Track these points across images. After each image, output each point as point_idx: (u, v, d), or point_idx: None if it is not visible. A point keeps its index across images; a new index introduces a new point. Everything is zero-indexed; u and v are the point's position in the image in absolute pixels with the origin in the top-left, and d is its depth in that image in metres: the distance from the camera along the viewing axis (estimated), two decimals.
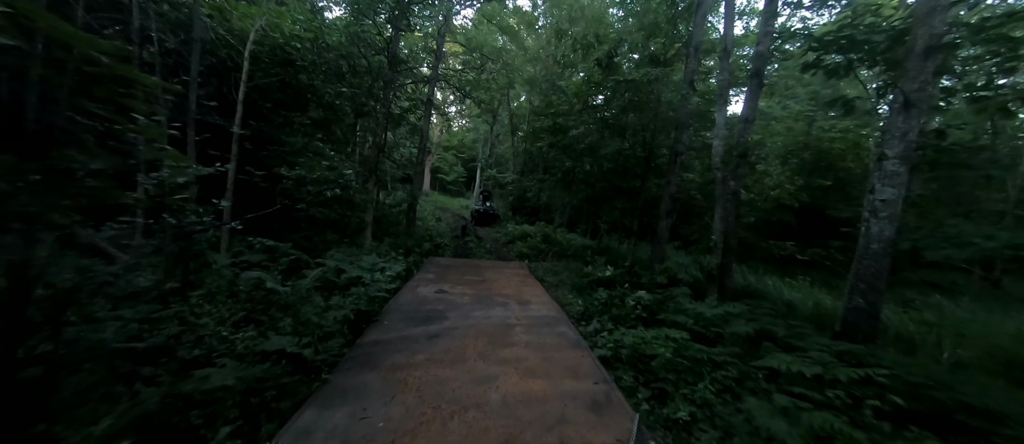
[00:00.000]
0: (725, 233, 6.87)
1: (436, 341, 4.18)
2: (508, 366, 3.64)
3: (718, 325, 4.66)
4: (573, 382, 3.39)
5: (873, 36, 5.18)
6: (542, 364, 3.71)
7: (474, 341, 4.23)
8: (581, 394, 3.18)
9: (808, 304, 6.62)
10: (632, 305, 5.76)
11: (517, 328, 4.73)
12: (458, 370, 3.52)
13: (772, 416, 2.67)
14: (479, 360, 3.75)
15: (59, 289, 2.26)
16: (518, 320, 5.04)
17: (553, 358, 3.87)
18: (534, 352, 4.00)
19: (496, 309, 5.49)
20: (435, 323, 4.75)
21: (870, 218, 4.97)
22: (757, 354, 3.83)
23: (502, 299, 6.06)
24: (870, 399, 2.83)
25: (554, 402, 3.03)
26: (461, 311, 5.29)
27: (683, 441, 2.86)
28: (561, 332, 4.70)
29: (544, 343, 4.27)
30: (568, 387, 3.29)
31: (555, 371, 3.59)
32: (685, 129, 8.84)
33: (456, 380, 3.32)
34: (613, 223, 12.04)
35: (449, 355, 3.83)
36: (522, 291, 6.71)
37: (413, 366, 3.55)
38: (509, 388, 3.22)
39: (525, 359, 3.80)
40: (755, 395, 3.18)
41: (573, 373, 3.58)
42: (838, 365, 3.20)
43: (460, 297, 6.03)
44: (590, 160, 9.71)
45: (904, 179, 4.84)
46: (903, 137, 4.79)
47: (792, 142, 10.12)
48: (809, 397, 2.88)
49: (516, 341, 4.29)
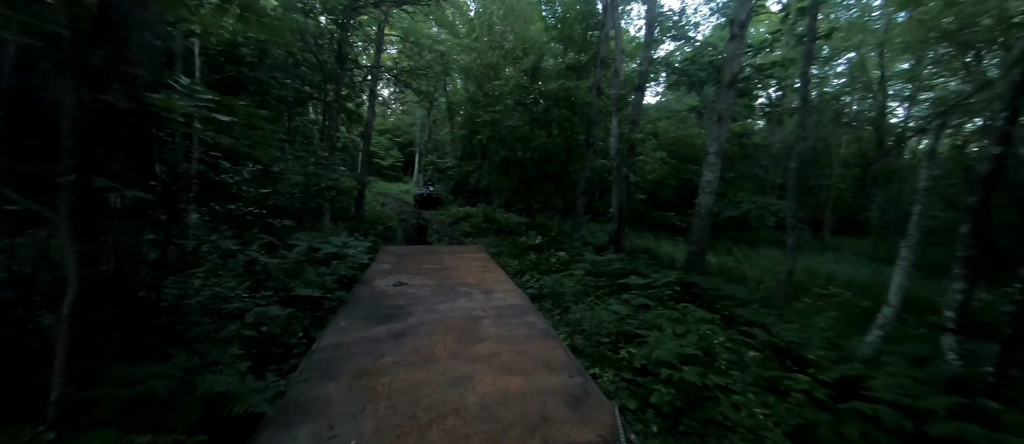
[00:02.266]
0: (619, 207, 9.32)
1: (402, 341, 3.94)
2: (482, 364, 3.51)
3: (606, 268, 6.93)
4: (549, 376, 3.35)
5: (701, 71, 7.72)
6: (516, 359, 3.63)
7: (443, 338, 4.05)
8: (558, 389, 3.14)
9: (674, 254, 9.47)
10: (553, 261, 7.89)
11: (485, 320, 4.60)
12: (430, 372, 3.33)
13: (616, 305, 4.84)
14: (451, 359, 3.59)
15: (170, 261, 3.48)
16: (485, 311, 4.89)
17: (526, 351, 3.80)
18: (506, 346, 3.90)
19: (461, 300, 5.31)
20: (398, 320, 4.48)
21: (700, 194, 7.59)
22: (625, 279, 6.11)
23: (466, 289, 5.87)
24: (669, 292, 5.18)
25: (533, 400, 2.98)
26: (425, 305, 5.07)
27: (575, 325, 4.89)
28: (530, 322, 4.62)
29: (515, 335, 4.17)
30: (545, 382, 3.24)
31: (530, 365, 3.51)
32: (595, 125, 11.15)
33: (429, 384, 3.14)
34: (544, 202, 14.26)
35: (418, 356, 3.62)
36: (485, 278, 6.53)
37: (380, 371, 3.30)
38: (486, 388, 3.11)
39: (498, 354, 3.70)
40: (613, 293, 5.40)
41: (547, 366, 3.52)
42: (661, 282, 5.54)
43: (421, 289, 5.79)
44: (522, 149, 11.63)
45: (718, 167, 7.45)
46: (717, 139, 7.37)
47: (668, 139, 13.25)
48: (644, 296, 5.15)
49: (486, 335, 4.16)
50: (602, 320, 4.61)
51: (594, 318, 4.66)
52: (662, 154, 11.32)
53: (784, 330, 4.08)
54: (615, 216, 9.23)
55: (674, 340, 3.81)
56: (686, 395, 3.13)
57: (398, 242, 12.12)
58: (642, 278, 5.83)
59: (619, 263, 6.85)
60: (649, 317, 4.61)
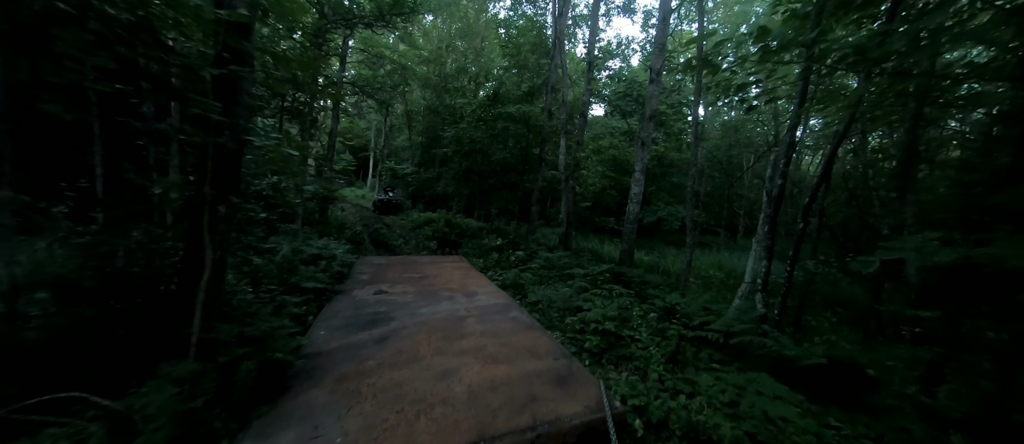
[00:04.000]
0: (567, 213, 11.08)
1: (385, 344, 3.88)
2: (468, 357, 3.51)
3: (556, 263, 8.54)
4: (534, 361, 3.37)
5: (629, 105, 9.73)
6: (502, 349, 3.64)
7: (427, 338, 4.01)
8: (544, 372, 3.18)
9: (611, 252, 11.41)
10: (513, 259, 9.36)
11: (469, 319, 4.60)
12: (415, 370, 3.32)
13: (564, 289, 6.42)
14: (436, 356, 3.57)
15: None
16: (468, 312, 4.88)
17: (511, 342, 3.79)
18: (491, 339, 3.89)
19: (444, 303, 5.27)
20: (381, 325, 4.39)
21: (628, 203, 9.53)
22: (570, 272, 7.74)
23: (448, 293, 5.87)
24: (603, 278, 6.86)
25: (520, 384, 3.01)
26: (407, 310, 4.96)
27: (532, 306, 6.36)
28: (514, 317, 4.64)
29: (499, 329, 4.18)
30: (531, 367, 3.26)
31: (515, 354, 3.53)
32: (546, 142, 12.91)
33: (415, 380, 3.13)
34: (501, 209, 15.76)
35: (402, 356, 3.57)
36: (467, 283, 6.56)
37: (364, 374, 3.26)
38: (473, 378, 3.14)
39: (484, 347, 3.69)
40: (563, 281, 6.99)
41: (533, 353, 3.54)
42: (597, 272, 7.23)
43: (402, 296, 5.72)
44: (483, 161, 13.04)
45: (642, 183, 9.45)
46: (641, 160, 9.36)
47: (608, 156, 15.57)
48: (584, 282, 6.77)
49: (471, 331, 4.16)
50: (553, 299, 6.13)
51: (547, 298, 6.16)
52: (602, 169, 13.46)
53: (675, 301, 5.87)
54: (564, 221, 10.96)
55: (602, 309, 5.41)
56: (607, 341, 4.69)
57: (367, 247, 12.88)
58: (583, 269, 7.50)
59: (567, 259, 8.50)
60: (587, 296, 6.22)
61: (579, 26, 19.64)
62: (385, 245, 13.35)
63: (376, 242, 13.69)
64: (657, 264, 10.35)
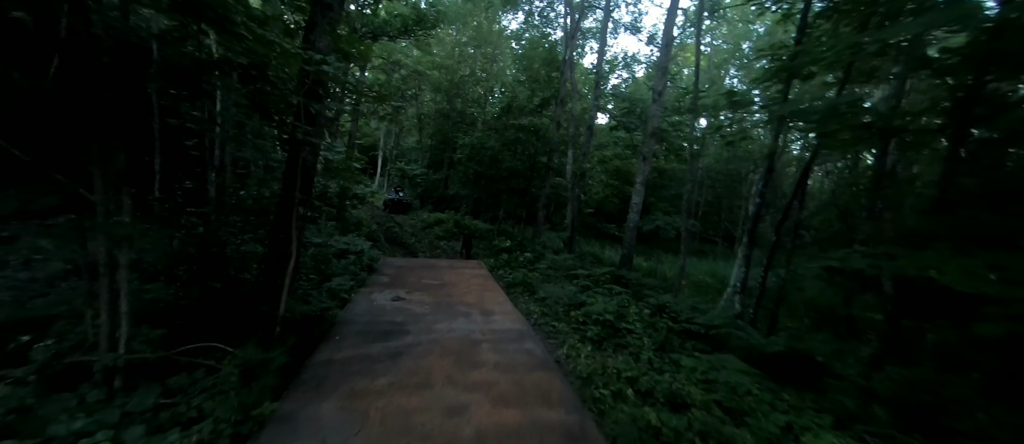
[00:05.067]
0: (572, 219, 11.90)
1: (398, 360, 3.96)
2: (479, 392, 3.53)
3: (561, 264, 9.37)
4: (547, 410, 3.36)
5: (633, 122, 10.57)
6: (514, 389, 3.65)
7: (440, 361, 4.06)
8: (556, 426, 3.13)
9: (612, 256, 12.22)
10: (521, 260, 10.19)
11: (483, 345, 4.61)
12: (425, 398, 3.34)
13: (569, 287, 7.24)
14: (448, 386, 3.59)
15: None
16: (483, 335, 4.92)
17: (524, 383, 3.80)
18: (504, 375, 3.91)
19: (459, 320, 5.36)
20: (395, 338, 4.49)
21: (629, 212, 10.35)
22: (574, 273, 8.56)
23: (464, 308, 5.92)
24: (604, 279, 7.69)
25: (530, 437, 2.97)
26: (422, 323, 5.09)
27: (540, 301, 7.16)
28: (528, 349, 4.62)
29: (513, 363, 4.20)
30: (543, 417, 3.24)
31: (528, 398, 3.53)
32: (554, 152, 13.74)
33: (425, 411, 3.14)
34: (508, 212, 16.61)
35: (414, 379, 3.63)
36: (484, 298, 6.57)
37: (375, 392, 3.33)
38: (482, 419, 3.12)
39: (496, 384, 3.71)
40: (568, 281, 7.81)
41: (546, 400, 3.53)
42: (599, 273, 8.05)
43: (419, 306, 5.84)
44: (494, 167, 13.89)
45: (642, 194, 10.28)
46: (643, 173, 10.18)
47: (611, 167, 16.42)
48: (587, 281, 7.60)
49: (484, 360, 4.19)
50: (559, 296, 6.94)
51: (554, 294, 6.98)
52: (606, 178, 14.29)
53: (667, 300, 6.67)
54: (569, 226, 11.80)
55: (603, 304, 6.23)
56: (607, 331, 5.50)
57: (383, 244, 13.70)
58: (586, 271, 8.31)
59: (571, 261, 9.32)
60: (590, 294, 7.04)
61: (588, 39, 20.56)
62: (400, 243, 14.18)
63: (391, 240, 14.52)
64: (654, 269, 11.16)
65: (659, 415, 3.38)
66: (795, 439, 3.09)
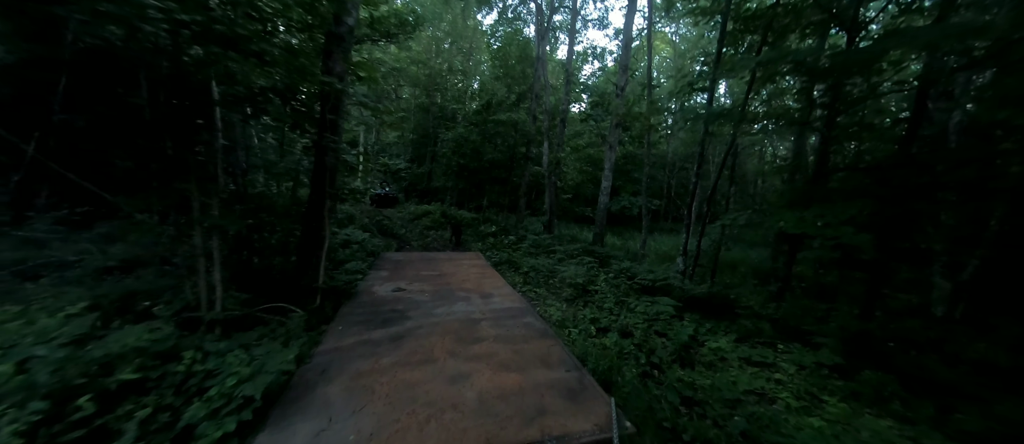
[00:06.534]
0: (550, 204, 13.17)
1: (401, 342, 4.02)
2: (480, 362, 3.58)
3: (542, 243, 10.65)
4: (546, 371, 3.40)
5: (600, 115, 11.83)
6: (514, 357, 3.70)
7: (441, 340, 4.11)
8: (556, 383, 3.20)
9: (587, 236, 13.62)
10: (506, 242, 11.41)
11: (483, 323, 4.68)
12: (428, 371, 3.42)
13: (547, 261, 8.51)
14: (449, 358, 3.67)
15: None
16: (483, 314, 4.99)
17: (523, 350, 3.84)
18: (504, 345, 3.96)
19: (459, 304, 5.40)
20: (397, 324, 4.56)
21: (600, 195, 11.68)
22: (552, 249, 9.85)
23: (463, 294, 5.98)
24: (577, 253, 9.00)
25: (530, 394, 3.05)
26: (423, 309, 5.15)
27: (523, 273, 8.39)
28: (527, 322, 4.70)
29: (513, 335, 4.25)
30: (542, 377, 3.29)
31: (527, 362, 3.58)
32: (532, 143, 14.92)
33: (428, 382, 3.22)
34: (492, 201, 17.75)
35: (416, 357, 3.70)
36: (483, 284, 6.62)
37: (379, 371, 3.40)
38: (484, 385, 3.19)
39: (496, 353, 3.77)
40: (547, 256, 9.10)
41: (545, 363, 3.58)
42: (573, 249, 9.36)
43: (419, 294, 5.89)
44: (475, 158, 14.97)
45: (611, 178, 11.62)
46: (609, 160, 11.50)
47: (585, 154, 17.79)
48: (563, 255, 8.89)
49: (485, 336, 4.25)
50: (539, 268, 8.21)
51: (534, 266, 8.24)
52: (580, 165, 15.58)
53: (627, 266, 8.03)
54: (548, 211, 13.06)
55: (574, 271, 7.52)
56: (578, 291, 6.80)
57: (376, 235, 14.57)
58: (563, 248, 9.61)
59: (550, 241, 10.62)
60: (565, 265, 8.33)
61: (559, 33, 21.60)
62: (392, 234, 15.12)
63: (383, 232, 15.41)
64: (624, 245, 12.58)
65: (612, 341, 4.68)
66: (700, 343, 4.45)
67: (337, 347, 3.90)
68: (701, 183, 6.92)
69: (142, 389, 2.60)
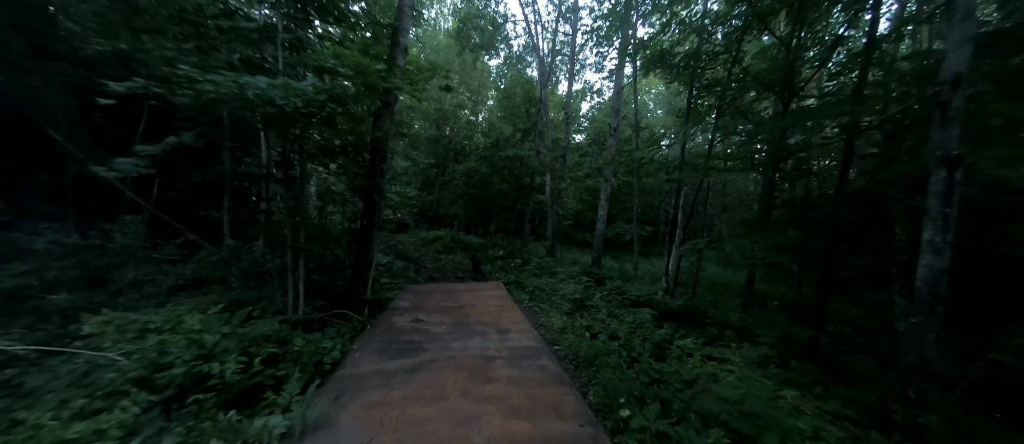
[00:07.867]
0: (553, 230, 14.48)
1: (414, 375, 4.07)
2: (491, 405, 3.55)
3: (545, 265, 11.89)
4: (558, 423, 3.31)
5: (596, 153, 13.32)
6: (526, 403, 3.65)
7: (454, 376, 4.13)
8: (566, 438, 3.10)
9: (586, 260, 14.84)
10: (513, 265, 12.66)
11: (498, 361, 4.66)
12: (438, 409, 3.39)
13: (550, 280, 9.74)
14: (460, 398, 3.65)
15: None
16: (498, 352, 4.97)
17: (536, 396, 3.79)
18: (516, 389, 3.93)
19: (475, 339, 5.42)
20: (412, 355, 4.62)
21: (598, 223, 12.99)
22: (554, 271, 11.08)
23: (481, 328, 5.99)
24: (575, 274, 10.23)
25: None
26: (439, 342, 5.19)
27: (530, 294, 9.58)
28: (543, 365, 4.63)
29: (526, 378, 4.20)
30: (553, 429, 3.20)
31: (539, 411, 3.51)
32: (536, 175, 16.42)
33: (436, 420, 3.19)
34: (498, 227, 19.12)
35: (428, 392, 3.71)
36: (501, 318, 6.58)
37: (390, 404, 3.44)
38: (492, 431, 3.12)
39: (508, 397, 3.74)
40: (550, 277, 10.32)
41: (557, 413, 3.50)
42: (575, 270, 10.59)
43: (437, 326, 5.94)
44: (482, 189, 16.48)
45: (606, 207, 12.97)
46: (605, 192, 12.87)
47: (584, 185, 19.26)
48: (565, 275, 10.11)
49: (498, 376, 4.23)
50: (543, 286, 9.43)
51: (540, 285, 9.47)
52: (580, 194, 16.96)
53: (619, 285, 9.21)
54: (550, 236, 14.36)
55: (573, 289, 8.72)
56: (577, 305, 7.98)
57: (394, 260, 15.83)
58: (564, 270, 10.84)
59: (552, 263, 11.85)
60: (566, 284, 9.54)
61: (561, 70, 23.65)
62: (406, 258, 16.41)
63: (398, 256, 16.72)
64: (620, 267, 13.75)
65: (602, 341, 5.85)
66: (671, 342, 5.61)
67: (352, 374, 4.01)
68: (680, 214, 8.23)
69: (276, 359, 3.85)
